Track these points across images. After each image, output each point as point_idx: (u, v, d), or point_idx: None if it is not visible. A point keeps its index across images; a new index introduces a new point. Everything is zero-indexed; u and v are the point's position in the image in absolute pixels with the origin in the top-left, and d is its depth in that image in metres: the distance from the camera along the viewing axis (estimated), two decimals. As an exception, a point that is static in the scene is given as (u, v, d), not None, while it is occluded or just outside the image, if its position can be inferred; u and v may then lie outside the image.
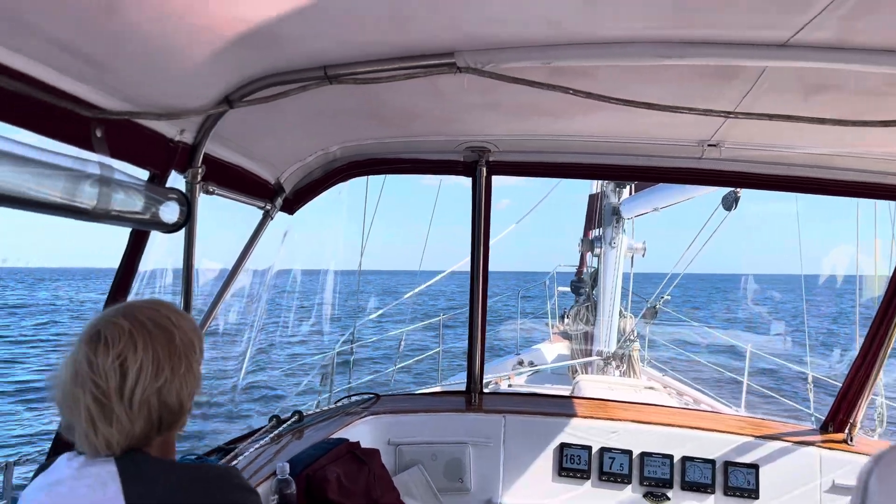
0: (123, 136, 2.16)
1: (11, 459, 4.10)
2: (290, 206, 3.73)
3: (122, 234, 2.52)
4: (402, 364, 11.59)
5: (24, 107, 1.78)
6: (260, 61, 2.28)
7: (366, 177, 3.96)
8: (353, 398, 4.52)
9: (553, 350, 12.94)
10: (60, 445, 2.45)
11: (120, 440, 1.52)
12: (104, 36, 1.83)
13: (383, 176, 6.05)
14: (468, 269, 4.20)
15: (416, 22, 2.05)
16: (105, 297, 2.49)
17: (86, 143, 2.01)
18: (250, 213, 3.55)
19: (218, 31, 1.97)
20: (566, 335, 13.07)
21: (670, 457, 3.97)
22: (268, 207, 3.51)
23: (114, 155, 2.08)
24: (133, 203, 2.14)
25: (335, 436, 3.88)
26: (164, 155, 2.46)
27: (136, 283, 2.60)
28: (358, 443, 3.80)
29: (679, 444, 3.99)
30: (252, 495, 1.63)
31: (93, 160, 1.99)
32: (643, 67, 2.37)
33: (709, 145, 3.48)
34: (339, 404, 4.48)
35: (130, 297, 2.58)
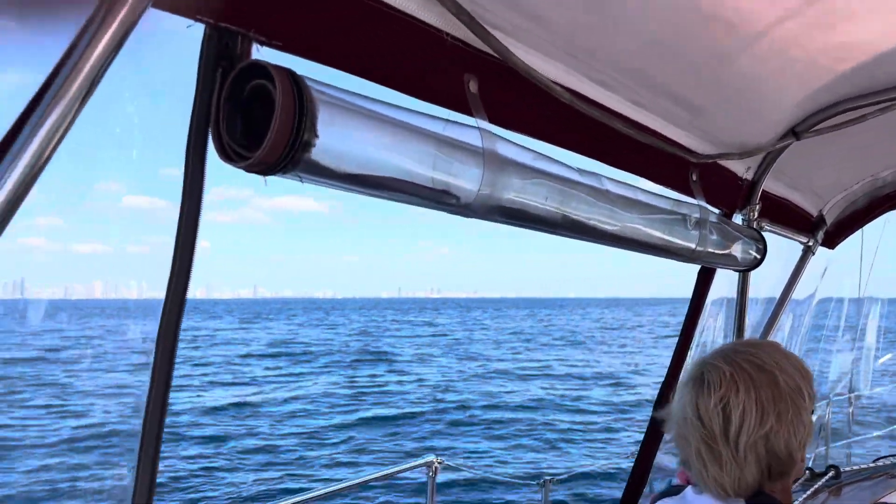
0: (708, 178, 2.22)
1: (548, 476, 4.59)
2: (832, 240, 3.43)
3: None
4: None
5: (637, 155, 1.95)
6: (839, 86, 2.12)
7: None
8: (892, 458, 3.95)
9: None
10: (637, 475, 2.60)
11: (732, 484, 1.49)
12: (707, 83, 1.90)
13: None
14: None
15: None
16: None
17: (683, 187, 2.11)
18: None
19: (812, 60, 1.89)
20: None
21: None
22: (809, 242, 3.28)
23: (703, 197, 2.15)
24: (720, 243, 2.18)
25: (884, 500, 3.41)
26: (733, 193, 2.48)
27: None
28: (922, 513, 3.27)
29: None
30: None
31: (692, 203, 2.08)
32: None
33: None
34: (878, 463, 3.94)
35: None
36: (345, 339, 53.20)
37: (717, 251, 2.18)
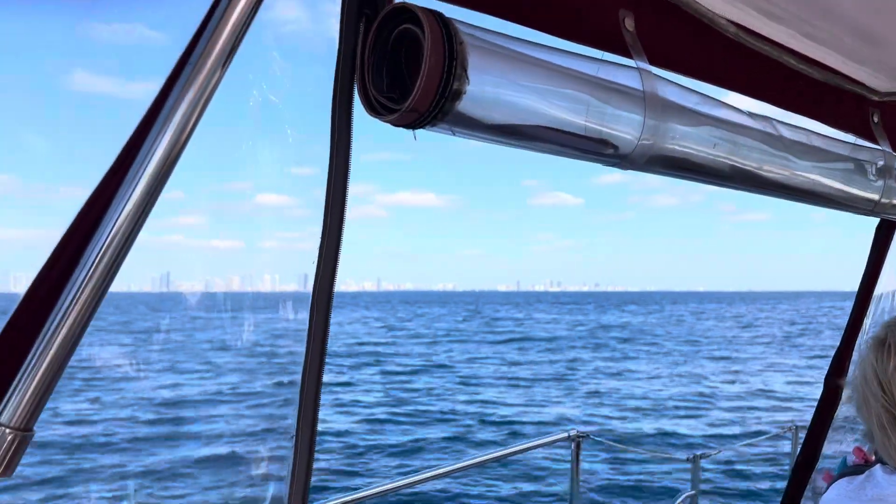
0: (891, 119, 1.96)
1: (698, 452, 4.36)
2: None
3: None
4: None
5: (811, 95, 1.74)
6: None
7: None
8: None
9: None
10: (809, 451, 2.39)
11: None
12: (889, 10, 1.66)
13: None
14: None
15: None
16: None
17: (863, 130, 1.87)
18: None
19: None
20: None
21: None
22: None
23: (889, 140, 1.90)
24: (910, 193, 1.92)
25: None
26: None
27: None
28: None
29: None
30: None
31: (874, 148, 1.84)
32: None
33: None
34: None
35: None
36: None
37: None
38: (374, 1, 0.95)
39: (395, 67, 0.95)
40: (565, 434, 3.77)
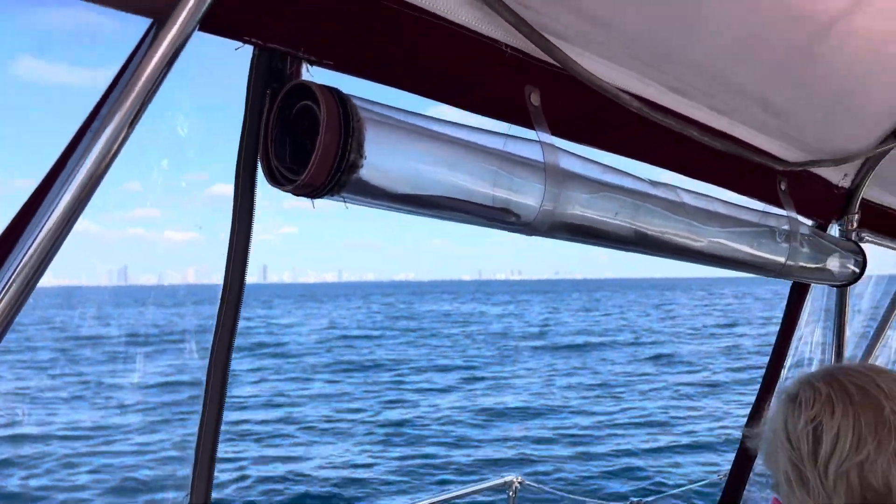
0: (798, 187, 2.08)
1: (635, 500, 4.42)
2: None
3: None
4: None
5: (718, 165, 1.84)
6: None
7: None
8: None
9: None
10: (728, 498, 2.45)
11: None
12: (794, 85, 1.78)
13: None
14: None
15: None
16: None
17: (771, 198, 1.98)
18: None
19: None
20: None
21: None
22: None
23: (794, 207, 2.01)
24: (814, 257, 2.03)
25: None
26: (827, 203, 2.31)
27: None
28: None
29: None
30: None
31: (781, 214, 1.94)
32: None
33: None
34: None
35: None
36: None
37: (809, 265, 2.03)
38: (281, 76, 1.00)
39: (298, 139, 0.99)
40: (501, 480, 3.77)
